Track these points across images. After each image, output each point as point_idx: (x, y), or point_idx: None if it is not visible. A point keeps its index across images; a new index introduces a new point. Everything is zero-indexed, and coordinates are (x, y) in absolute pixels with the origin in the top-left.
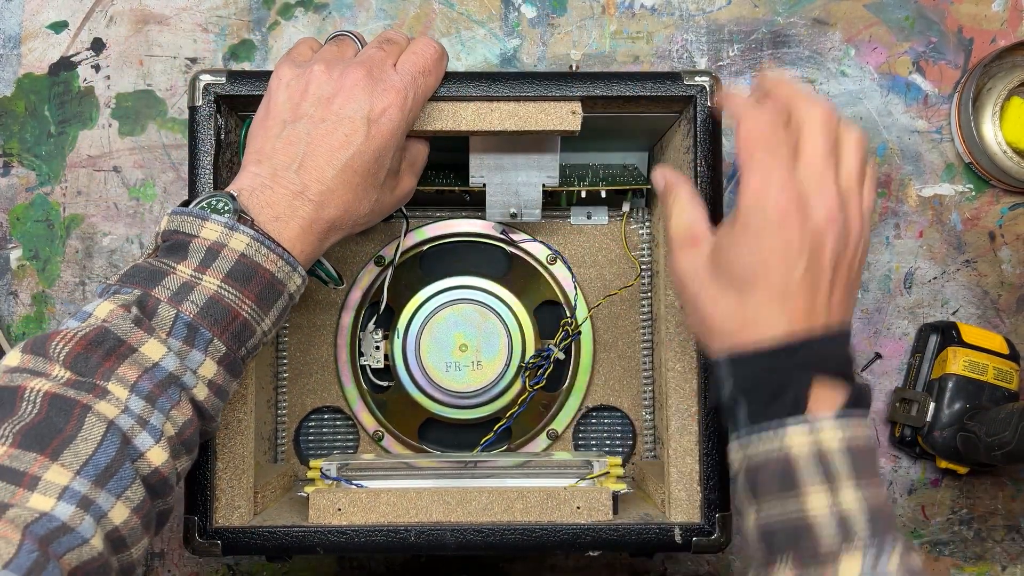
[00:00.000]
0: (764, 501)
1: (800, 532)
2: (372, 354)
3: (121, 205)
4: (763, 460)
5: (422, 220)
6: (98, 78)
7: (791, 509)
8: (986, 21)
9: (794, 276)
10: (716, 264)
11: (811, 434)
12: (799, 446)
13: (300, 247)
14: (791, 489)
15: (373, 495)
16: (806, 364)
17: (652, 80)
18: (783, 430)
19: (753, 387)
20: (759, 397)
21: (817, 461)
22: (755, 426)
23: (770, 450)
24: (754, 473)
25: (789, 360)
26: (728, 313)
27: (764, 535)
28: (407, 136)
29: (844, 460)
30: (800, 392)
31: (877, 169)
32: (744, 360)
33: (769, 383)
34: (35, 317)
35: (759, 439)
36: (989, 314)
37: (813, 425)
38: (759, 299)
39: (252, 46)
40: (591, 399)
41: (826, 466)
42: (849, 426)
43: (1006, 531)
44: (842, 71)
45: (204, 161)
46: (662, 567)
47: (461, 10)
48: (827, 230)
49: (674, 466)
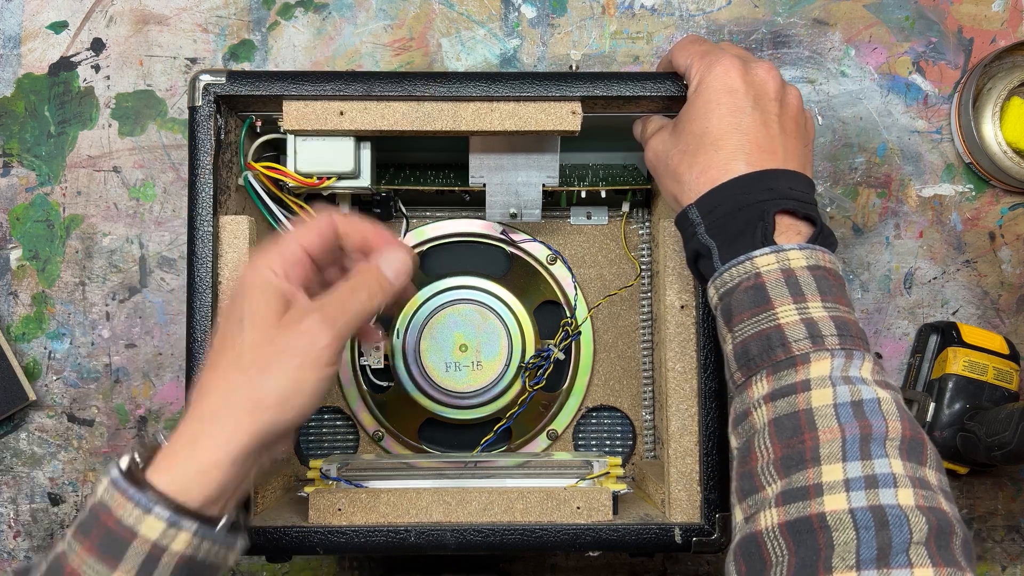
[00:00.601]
0: (737, 324)
1: (772, 341)
2: (372, 354)
3: (121, 205)
4: (735, 285)
5: (422, 220)
6: (98, 78)
7: (763, 322)
8: (986, 21)
9: (744, 120)
10: (679, 132)
11: (778, 258)
12: (767, 267)
13: None
14: (762, 305)
15: (373, 495)
16: (769, 198)
17: (652, 80)
18: (752, 258)
19: (723, 227)
20: (729, 236)
21: (784, 280)
22: (727, 263)
23: (741, 275)
24: (727, 301)
25: (752, 191)
26: (694, 163)
27: (739, 356)
28: None
29: (810, 280)
30: (767, 227)
31: None
32: (712, 196)
33: (737, 221)
34: (35, 317)
35: (731, 272)
36: (989, 314)
37: (779, 251)
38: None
39: (252, 46)
40: (591, 399)
41: (793, 284)
42: (814, 256)
43: (1006, 531)
44: (842, 71)
45: (204, 161)
46: (662, 567)
47: (461, 10)
48: (768, 79)
49: (674, 466)
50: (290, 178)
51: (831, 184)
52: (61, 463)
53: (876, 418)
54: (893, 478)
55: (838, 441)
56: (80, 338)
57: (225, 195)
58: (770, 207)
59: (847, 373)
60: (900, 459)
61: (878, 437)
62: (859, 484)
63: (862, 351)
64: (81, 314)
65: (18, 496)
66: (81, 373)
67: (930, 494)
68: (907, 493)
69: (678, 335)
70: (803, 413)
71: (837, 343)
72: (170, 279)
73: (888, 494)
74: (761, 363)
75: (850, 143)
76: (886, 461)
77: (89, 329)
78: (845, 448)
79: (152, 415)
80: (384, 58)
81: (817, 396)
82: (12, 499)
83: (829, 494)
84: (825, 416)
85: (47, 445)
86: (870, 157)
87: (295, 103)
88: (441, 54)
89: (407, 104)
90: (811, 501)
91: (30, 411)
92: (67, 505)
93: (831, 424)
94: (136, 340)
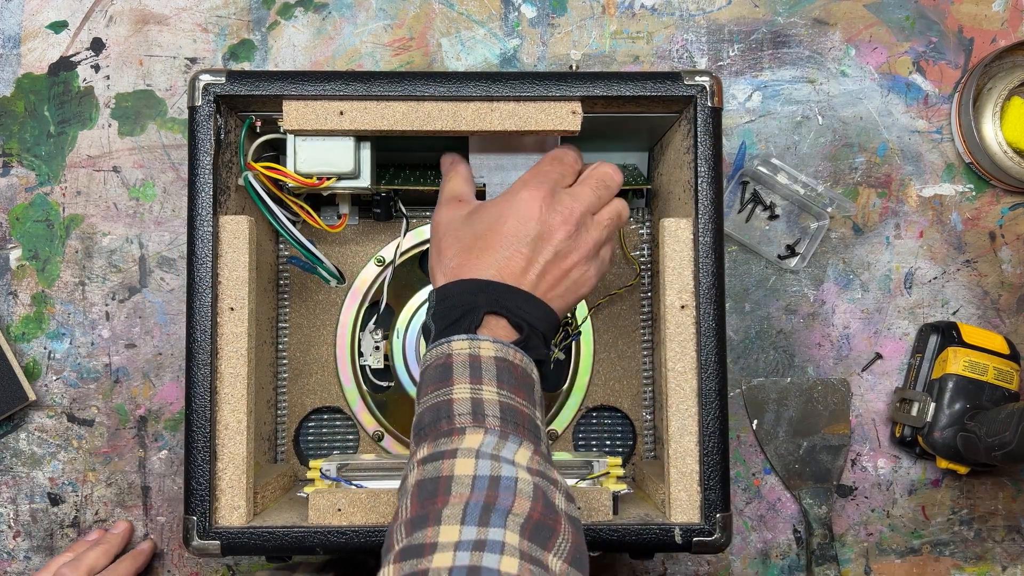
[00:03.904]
0: (422, 396)
1: (440, 413)
2: (372, 354)
3: (121, 205)
4: (431, 362)
5: (422, 220)
6: (98, 78)
7: (440, 395)
8: (986, 21)
9: (519, 242)
10: (469, 220)
11: (470, 345)
12: (460, 350)
13: None
14: (444, 381)
15: (373, 495)
16: (492, 302)
17: (652, 80)
18: (450, 341)
19: (445, 313)
20: (446, 321)
21: (469, 363)
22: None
23: (438, 355)
24: (423, 374)
25: (479, 294)
26: (460, 254)
27: (415, 425)
28: None
29: (492, 367)
30: (476, 320)
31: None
32: (448, 289)
33: (456, 310)
34: (35, 317)
35: (433, 351)
36: (989, 314)
37: (474, 339)
38: (486, 249)
39: (252, 46)
40: (591, 399)
41: (475, 368)
42: (505, 351)
43: (1006, 531)
44: (842, 71)
45: (204, 161)
46: (662, 567)
47: (461, 10)
48: (560, 227)
49: (674, 466)
50: (290, 179)
51: (831, 184)
52: (61, 463)
53: (506, 493)
54: (502, 546)
55: (461, 505)
56: (80, 338)
57: (225, 195)
58: (483, 308)
59: (497, 452)
60: (518, 534)
61: (501, 509)
62: (468, 546)
63: (522, 438)
64: (81, 314)
65: (18, 496)
66: (81, 373)
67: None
68: (512, 562)
69: (678, 335)
70: (444, 479)
71: (497, 424)
72: (170, 279)
73: (492, 559)
74: (429, 432)
75: (850, 143)
76: (501, 531)
77: (89, 329)
78: (466, 512)
79: (152, 415)
80: (384, 58)
81: (460, 465)
82: (12, 499)
83: (440, 552)
84: (462, 484)
85: (47, 445)
86: (870, 157)
87: (295, 103)
88: (441, 54)
89: (407, 104)
90: (423, 559)
91: (30, 411)
92: (67, 505)
93: (464, 491)
94: (136, 340)
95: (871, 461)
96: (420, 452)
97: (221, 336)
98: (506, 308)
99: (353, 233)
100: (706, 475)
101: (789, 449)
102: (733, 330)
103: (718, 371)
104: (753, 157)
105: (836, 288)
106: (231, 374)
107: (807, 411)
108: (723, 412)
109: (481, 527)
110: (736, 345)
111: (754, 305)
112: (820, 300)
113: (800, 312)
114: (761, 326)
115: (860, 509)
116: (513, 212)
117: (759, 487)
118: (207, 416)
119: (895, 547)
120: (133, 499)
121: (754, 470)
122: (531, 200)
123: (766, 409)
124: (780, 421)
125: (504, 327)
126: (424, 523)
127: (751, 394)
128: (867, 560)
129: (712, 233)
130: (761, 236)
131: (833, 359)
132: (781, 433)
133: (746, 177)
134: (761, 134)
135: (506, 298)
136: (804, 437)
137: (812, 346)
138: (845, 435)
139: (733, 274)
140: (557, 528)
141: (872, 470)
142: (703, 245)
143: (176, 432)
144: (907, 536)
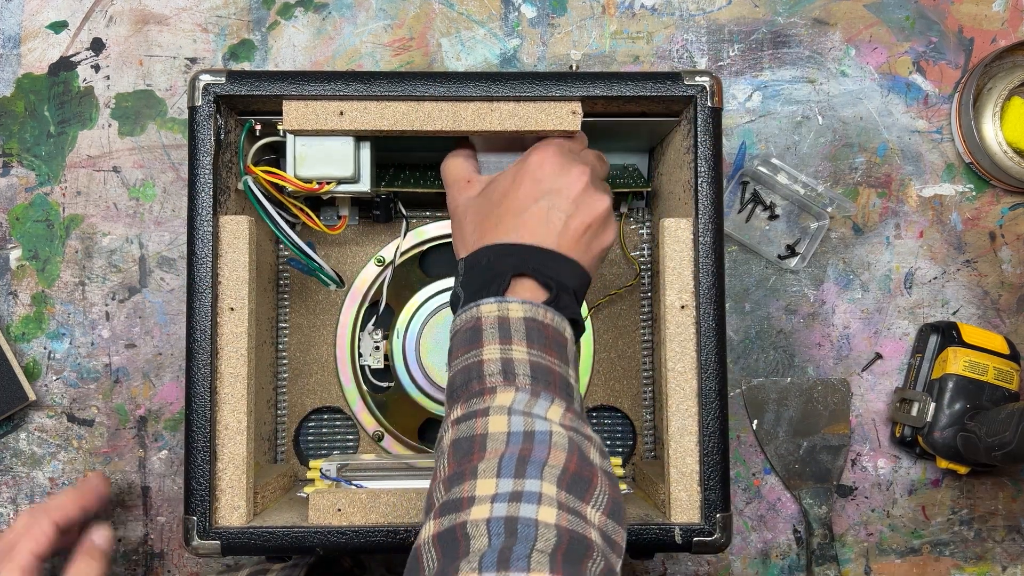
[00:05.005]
0: (453, 360)
1: (471, 374)
2: (372, 354)
3: (121, 205)
4: (460, 325)
5: (422, 220)
6: (98, 78)
7: (471, 358)
8: (986, 21)
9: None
10: (485, 194)
11: (499, 307)
12: (488, 313)
13: None
14: (474, 343)
15: (373, 495)
16: (519, 264)
17: (652, 80)
18: (479, 305)
19: (472, 280)
20: (474, 287)
21: (498, 325)
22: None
23: (467, 319)
24: (453, 339)
25: (506, 258)
26: (480, 225)
27: (448, 387)
28: None
29: (521, 327)
30: (504, 283)
31: None
32: (474, 257)
33: (483, 276)
34: (35, 317)
35: (461, 316)
36: (989, 314)
37: (502, 302)
38: (505, 215)
39: (252, 46)
40: (591, 399)
41: (504, 329)
42: (534, 310)
43: (1006, 531)
44: (842, 71)
45: (204, 161)
46: (662, 567)
47: (461, 10)
48: (574, 182)
49: (674, 466)
50: (290, 183)
51: (831, 184)
52: (61, 463)
53: (541, 447)
54: (539, 496)
55: (496, 459)
56: (80, 338)
57: (225, 195)
58: (510, 271)
59: (529, 409)
60: (555, 485)
61: (536, 461)
62: (504, 498)
63: (553, 395)
64: (81, 314)
65: (18, 496)
66: (81, 373)
67: (579, 521)
68: (549, 512)
69: (678, 335)
70: (478, 436)
71: (528, 383)
72: (170, 279)
73: (529, 508)
74: (461, 393)
75: (850, 143)
76: (538, 483)
77: (89, 329)
78: (501, 465)
79: (152, 415)
80: (384, 58)
81: (494, 422)
82: (12, 499)
83: (477, 505)
84: (496, 440)
85: (47, 445)
86: (870, 157)
87: (295, 103)
88: (441, 54)
89: (407, 104)
90: (461, 512)
91: (30, 411)
92: None
93: (499, 447)
94: (136, 340)
95: (871, 461)
96: (453, 413)
97: (221, 336)
98: (533, 268)
99: (353, 233)
100: (706, 475)
101: (789, 449)
102: (733, 330)
103: (718, 371)
104: (753, 157)
105: (836, 288)
106: (231, 374)
107: (807, 411)
108: (723, 412)
109: (517, 479)
110: (736, 345)
111: (754, 305)
112: (820, 300)
113: (800, 312)
114: (761, 326)
115: (860, 509)
116: (525, 174)
117: (759, 487)
118: (207, 416)
119: (895, 547)
120: (133, 499)
121: (754, 470)
122: (541, 161)
123: (766, 409)
124: (780, 421)
125: (533, 288)
126: (461, 479)
127: (751, 394)
128: (867, 560)
129: (712, 233)
130: (761, 236)
131: (833, 359)
132: (781, 433)
133: (746, 177)
134: (761, 134)
135: (532, 259)
136: (804, 437)
137: (812, 346)
138: (845, 435)
139: (733, 274)
140: (594, 480)
141: (872, 470)
142: (703, 245)
143: (176, 432)
144: (907, 536)
